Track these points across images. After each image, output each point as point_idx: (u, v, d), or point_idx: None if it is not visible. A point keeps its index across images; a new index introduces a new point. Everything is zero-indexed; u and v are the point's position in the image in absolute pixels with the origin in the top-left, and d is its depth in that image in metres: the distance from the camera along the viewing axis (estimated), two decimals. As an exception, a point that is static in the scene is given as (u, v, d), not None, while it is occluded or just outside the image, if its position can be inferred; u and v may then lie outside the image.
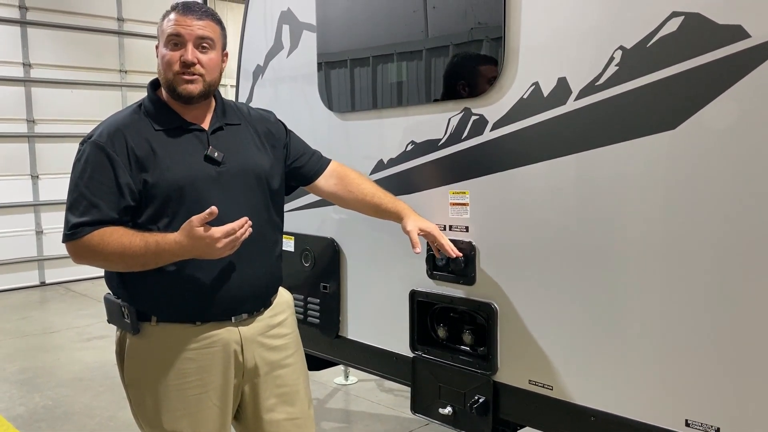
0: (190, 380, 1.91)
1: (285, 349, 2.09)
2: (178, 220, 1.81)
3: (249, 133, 2.05)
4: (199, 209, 1.77)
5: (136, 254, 1.76)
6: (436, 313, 2.35)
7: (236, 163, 1.95)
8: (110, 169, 1.81)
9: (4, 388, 4.64)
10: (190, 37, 1.86)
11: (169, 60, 1.86)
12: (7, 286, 7.91)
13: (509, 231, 2.09)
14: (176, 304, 1.89)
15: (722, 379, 1.67)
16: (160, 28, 1.91)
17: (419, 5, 2.28)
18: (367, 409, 4.18)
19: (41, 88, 8.20)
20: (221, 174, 1.91)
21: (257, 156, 2.03)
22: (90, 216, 1.79)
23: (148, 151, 1.85)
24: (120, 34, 8.88)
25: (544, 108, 1.96)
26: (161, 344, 1.90)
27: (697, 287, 1.69)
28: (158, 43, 1.92)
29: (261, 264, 1.98)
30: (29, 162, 8.14)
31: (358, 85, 2.54)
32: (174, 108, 1.94)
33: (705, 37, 1.63)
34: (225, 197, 1.88)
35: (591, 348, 1.92)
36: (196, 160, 1.90)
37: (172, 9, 1.90)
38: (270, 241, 2.03)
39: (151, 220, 1.85)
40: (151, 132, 1.89)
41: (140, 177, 1.83)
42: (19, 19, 8.01)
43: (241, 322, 1.97)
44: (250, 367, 2.00)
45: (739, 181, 1.61)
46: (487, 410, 2.17)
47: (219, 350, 1.93)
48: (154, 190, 1.84)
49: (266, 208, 2.02)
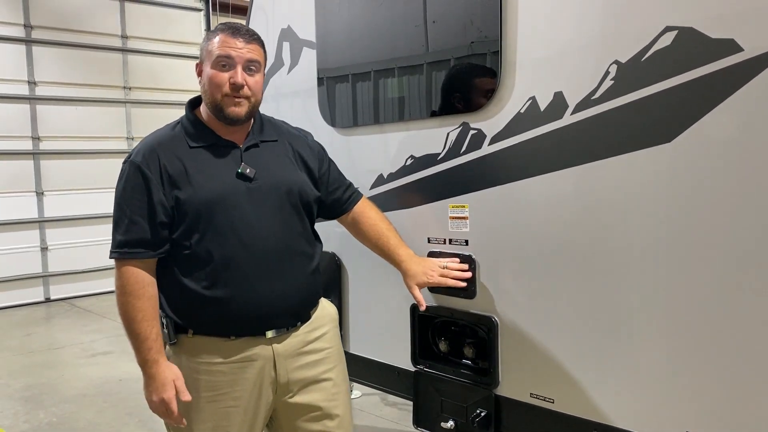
0: (222, 393, 1.94)
1: (323, 363, 2.09)
2: (208, 236, 1.89)
3: (284, 149, 2.07)
4: (228, 225, 1.87)
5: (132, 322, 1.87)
6: (437, 327, 2.36)
7: (269, 179, 1.98)
8: (145, 188, 1.88)
9: (9, 405, 4.65)
10: (240, 59, 1.90)
11: (218, 81, 1.90)
12: (12, 303, 7.93)
13: (509, 244, 2.10)
14: (210, 320, 1.93)
15: (723, 392, 1.67)
16: (205, 48, 1.94)
17: (418, 21, 2.31)
18: (371, 423, 4.17)
19: (46, 106, 8.27)
20: (252, 190, 1.94)
21: (291, 172, 2.05)
22: (131, 234, 1.87)
23: (180, 169, 1.90)
24: (124, 51, 8.96)
25: (542, 122, 1.97)
26: (195, 355, 1.95)
27: (697, 300, 1.70)
28: (202, 62, 1.95)
29: (293, 279, 2.00)
30: (34, 179, 8.19)
31: (357, 101, 2.57)
32: (211, 126, 1.98)
33: (698, 51, 1.65)
34: (255, 213, 1.93)
35: (592, 361, 1.92)
36: (227, 176, 1.93)
37: (219, 30, 1.94)
38: (303, 256, 2.04)
39: (184, 236, 1.91)
40: (185, 150, 1.94)
41: (173, 194, 1.89)
42: (24, 38, 8.09)
43: (275, 338, 1.98)
44: (283, 383, 2.01)
45: (736, 193, 1.62)
46: (489, 424, 2.17)
47: (251, 365, 1.95)
48: (186, 206, 1.89)
49: (298, 222, 2.03)
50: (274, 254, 1.96)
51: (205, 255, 1.90)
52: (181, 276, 1.91)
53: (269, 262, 1.94)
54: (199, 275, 1.90)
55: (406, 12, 2.34)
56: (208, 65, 1.92)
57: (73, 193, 8.39)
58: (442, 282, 2.16)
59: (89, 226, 8.28)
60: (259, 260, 1.93)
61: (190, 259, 1.91)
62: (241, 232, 1.91)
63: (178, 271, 1.92)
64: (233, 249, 1.90)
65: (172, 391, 1.87)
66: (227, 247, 1.90)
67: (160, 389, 1.87)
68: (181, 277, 1.92)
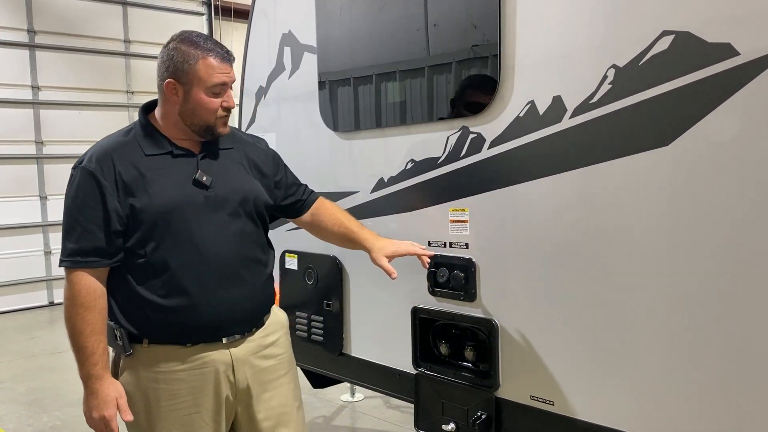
0: (182, 401, 1.94)
1: (278, 369, 2.11)
2: (165, 245, 1.88)
3: (239, 157, 2.08)
4: (185, 233, 1.88)
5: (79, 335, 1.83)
6: (438, 330, 2.37)
7: (225, 187, 1.98)
8: (99, 195, 1.85)
9: (13, 409, 4.67)
10: (230, 84, 1.96)
11: (213, 108, 1.92)
12: (16, 306, 7.97)
13: (508, 247, 2.11)
14: (166, 327, 1.91)
15: (723, 394, 1.68)
16: (195, 70, 1.87)
17: (419, 25, 2.32)
18: (373, 426, 4.19)
19: (49, 110, 8.31)
20: (209, 198, 1.94)
21: (246, 180, 2.06)
22: (85, 243, 1.84)
23: (136, 177, 1.88)
24: (126, 56, 9.01)
25: (540, 126, 1.99)
26: (153, 365, 1.92)
27: (696, 303, 1.70)
28: (179, 81, 1.89)
29: (250, 286, 2.01)
30: (38, 183, 8.23)
31: (357, 106, 2.58)
32: (166, 134, 1.97)
33: (695, 55, 1.66)
34: (212, 221, 1.93)
35: (592, 363, 1.93)
36: (184, 185, 1.93)
37: (207, 51, 1.89)
38: (258, 263, 2.05)
39: (139, 244, 1.88)
40: (140, 157, 1.91)
41: (127, 202, 1.86)
42: (27, 43, 8.14)
43: (231, 343, 1.99)
44: (242, 388, 2.01)
45: (733, 195, 1.63)
46: (489, 426, 2.18)
47: (210, 371, 1.95)
48: (141, 215, 1.87)
49: (254, 230, 2.05)
50: (231, 262, 1.96)
51: (161, 263, 1.88)
52: (136, 285, 1.89)
53: (226, 269, 1.94)
54: (154, 284, 1.89)
55: (406, 17, 2.36)
56: (200, 90, 1.89)
57: (76, 197, 8.41)
58: (410, 250, 2.21)
59: (92, 230, 8.29)
60: (216, 268, 1.93)
61: (145, 267, 1.89)
62: (197, 240, 1.90)
63: (133, 280, 1.89)
64: (190, 257, 1.90)
65: (114, 409, 1.85)
66: (184, 256, 1.89)
67: (101, 406, 1.84)
68: (135, 285, 1.89)
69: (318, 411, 4.42)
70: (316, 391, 4.37)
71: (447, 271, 2.27)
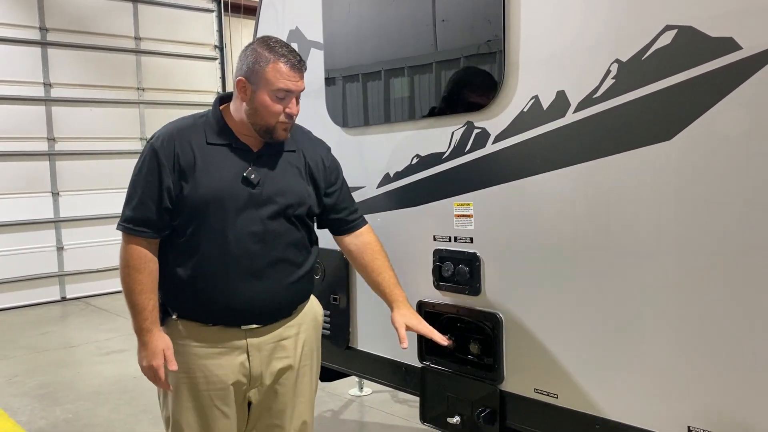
0: (196, 376, 2.07)
1: (295, 360, 2.18)
2: (201, 231, 2.01)
3: (298, 160, 2.15)
4: (218, 224, 1.97)
5: (131, 293, 2.00)
6: (443, 324, 2.38)
7: (272, 188, 2.06)
8: (157, 172, 1.99)
9: (26, 402, 4.73)
10: (296, 92, 2.02)
11: (275, 111, 1.99)
12: (28, 302, 8.06)
13: (512, 241, 2.13)
14: (192, 306, 2.07)
15: (723, 387, 1.69)
16: (259, 71, 1.96)
17: (426, 22, 2.34)
18: (381, 420, 4.21)
19: (61, 107, 8.39)
20: (253, 196, 2.03)
21: (296, 184, 2.13)
22: (138, 213, 2.00)
23: (190, 162, 2.00)
24: (137, 53, 9.06)
25: (544, 121, 2.00)
26: (177, 338, 2.08)
27: (698, 295, 1.71)
28: (250, 81, 1.98)
29: (273, 284, 2.09)
30: (50, 179, 8.31)
31: (363, 101, 2.60)
32: (233, 128, 2.06)
33: (698, 49, 1.66)
34: (248, 218, 2.02)
35: (595, 356, 1.94)
36: (232, 179, 2.02)
37: (275, 56, 1.97)
38: (288, 263, 2.12)
39: (182, 225, 2.03)
40: (201, 144, 2.03)
41: (179, 183, 2.00)
42: (39, 41, 8.21)
43: (250, 331, 2.08)
44: (256, 374, 2.10)
45: (735, 190, 1.64)
46: (494, 419, 2.19)
47: (225, 353, 2.07)
48: (187, 199, 2.00)
49: (291, 232, 2.11)
50: (257, 259, 2.05)
51: (194, 247, 2.02)
52: (173, 261, 2.04)
53: (251, 265, 2.04)
54: (187, 264, 2.03)
55: (412, 13, 2.38)
56: (264, 93, 1.97)
57: (88, 194, 8.51)
58: (429, 333, 2.23)
59: (104, 226, 8.36)
60: (241, 262, 2.03)
61: (183, 248, 2.03)
62: (229, 233, 2.01)
63: (171, 256, 2.05)
64: (219, 247, 2.01)
65: (161, 359, 2.01)
66: (214, 244, 2.01)
67: (150, 356, 2.01)
68: (172, 262, 2.04)
69: (326, 405, 4.45)
70: (325, 385, 4.40)
71: (452, 265, 2.29)
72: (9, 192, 7.97)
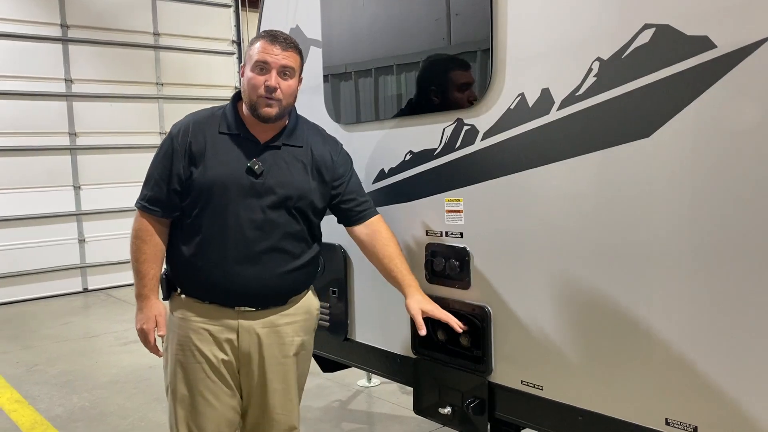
0: (189, 349, 2.21)
1: (285, 348, 2.27)
2: (205, 213, 2.15)
3: (305, 156, 2.24)
4: (220, 208, 2.13)
5: (135, 261, 2.21)
6: (436, 317, 2.43)
7: (274, 179, 2.16)
8: (171, 156, 2.16)
9: (45, 390, 4.88)
10: (275, 65, 2.10)
11: (254, 83, 2.10)
12: (51, 293, 8.27)
13: (500, 236, 2.17)
14: (192, 281, 2.22)
15: (700, 381, 1.72)
16: (248, 52, 2.16)
17: (417, 22, 2.38)
18: (388, 411, 4.27)
19: (82, 103, 8.56)
20: (255, 185, 2.14)
21: (299, 178, 2.22)
22: (153, 193, 2.18)
23: (201, 149, 2.15)
24: (156, 48, 9.19)
25: (530, 118, 2.03)
26: (176, 311, 2.25)
27: (680, 290, 1.74)
28: (244, 65, 2.17)
29: (267, 271, 2.19)
30: (72, 173, 8.49)
31: (359, 98, 2.65)
32: (244, 120, 2.20)
33: (675, 47, 1.69)
34: (249, 205, 2.14)
35: (580, 349, 1.98)
36: (237, 167, 2.14)
37: (261, 37, 2.15)
38: (285, 253, 2.21)
39: (189, 207, 2.18)
40: (213, 133, 2.17)
41: (189, 169, 2.15)
42: (61, 37, 8.38)
43: (243, 314, 2.21)
44: (244, 352, 2.23)
45: (711, 185, 1.66)
46: (482, 410, 2.24)
47: (217, 330, 2.20)
48: (194, 183, 2.14)
49: (290, 224, 2.21)
50: (253, 245, 2.16)
51: (197, 227, 2.16)
52: (180, 240, 2.21)
53: (246, 250, 2.15)
54: (190, 243, 2.18)
55: (404, 12, 2.42)
56: (248, 68, 2.13)
57: (108, 187, 8.68)
58: (443, 316, 2.24)
59: (124, 219, 8.50)
60: (238, 246, 2.15)
61: (188, 228, 2.18)
62: (229, 218, 2.13)
63: (179, 235, 2.21)
64: (219, 230, 2.14)
65: (153, 323, 2.20)
66: (215, 227, 2.14)
67: (143, 320, 2.21)
68: (179, 240, 2.21)
69: (335, 395, 4.53)
70: (333, 376, 4.49)
71: (443, 259, 2.33)
72: (32, 186, 8.16)
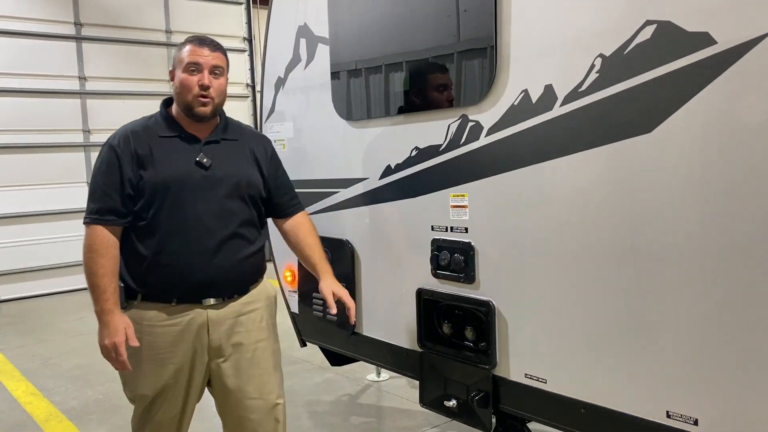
0: (161, 351, 2.22)
1: (254, 334, 2.33)
2: (162, 211, 2.18)
3: (243, 149, 2.34)
4: (178, 203, 2.18)
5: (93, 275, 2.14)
6: (441, 311, 2.47)
7: (222, 170, 2.25)
8: (117, 165, 2.17)
9: (60, 383, 4.95)
10: (206, 65, 2.21)
11: (188, 84, 2.19)
12: (65, 288, 8.36)
13: (504, 231, 2.19)
14: (155, 286, 2.21)
15: (701, 374, 1.74)
16: (177, 56, 2.24)
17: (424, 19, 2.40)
18: (397, 405, 4.30)
19: (96, 100, 8.65)
20: (206, 177, 2.22)
21: (245, 168, 2.31)
22: (104, 203, 2.16)
23: (147, 152, 2.19)
24: (168, 46, 9.26)
25: (534, 114, 2.05)
26: (141, 319, 2.22)
27: (682, 283, 1.76)
28: (174, 69, 2.25)
29: (230, 258, 2.26)
30: (85, 170, 8.57)
31: (366, 95, 2.68)
32: (179, 122, 2.26)
33: (676, 44, 1.70)
34: (205, 196, 2.21)
35: (581, 344, 2.00)
36: (186, 163, 2.21)
37: (188, 42, 2.24)
38: (243, 239, 2.29)
39: (143, 208, 2.19)
40: (154, 138, 2.23)
41: (138, 172, 2.18)
42: (74, 36, 8.46)
43: (210, 306, 2.25)
44: (215, 346, 2.26)
45: (712, 180, 1.67)
46: (487, 403, 2.27)
47: (187, 329, 2.23)
48: (147, 184, 2.18)
49: (244, 210, 2.29)
50: (215, 234, 2.22)
51: (156, 226, 2.18)
52: (137, 242, 2.20)
53: (209, 240, 2.21)
54: (150, 243, 2.19)
55: (411, 10, 2.44)
56: (180, 71, 2.21)
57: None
58: (348, 302, 2.38)
59: (137, 215, 8.59)
60: (200, 237, 2.20)
61: (145, 228, 2.19)
62: (188, 212, 2.19)
63: (135, 238, 2.20)
64: (180, 224, 2.18)
65: (123, 336, 2.14)
66: (175, 222, 2.18)
67: (112, 334, 2.13)
68: (136, 243, 2.20)
69: (344, 389, 4.57)
70: (343, 370, 4.52)
71: (448, 254, 2.36)
72: (46, 183, 8.26)
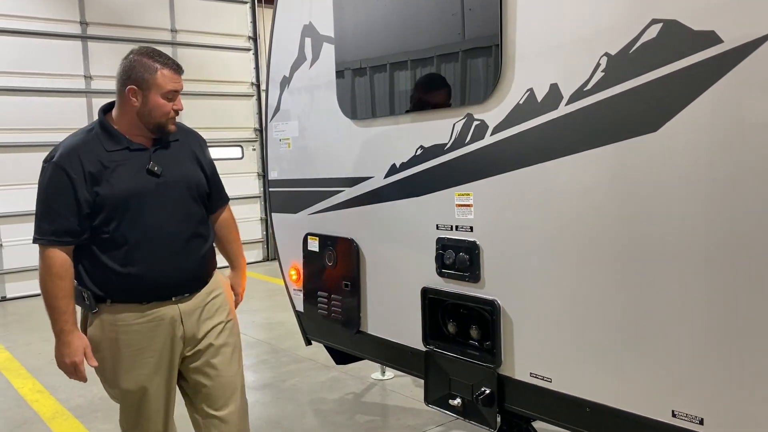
0: (140, 347, 2.32)
1: (220, 314, 2.50)
2: (123, 224, 2.27)
3: (185, 148, 2.47)
4: (140, 214, 2.27)
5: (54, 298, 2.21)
6: (446, 310, 2.47)
7: (173, 175, 2.36)
8: (70, 186, 2.21)
9: (65, 381, 4.88)
10: (180, 90, 2.35)
11: (165, 110, 2.30)
12: (72, 286, 8.40)
13: (509, 230, 2.19)
14: (125, 290, 2.30)
15: (707, 373, 1.73)
16: (154, 79, 2.26)
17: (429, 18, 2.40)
18: (401, 404, 4.31)
19: (101, 99, 8.65)
20: (159, 185, 2.32)
21: (191, 168, 2.46)
22: (58, 225, 2.21)
23: (99, 169, 2.24)
24: (173, 45, 9.28)
25: (539, 113, 2.05)
26: (114, 320, 2.31)
27: (687, 283, 1.75)
28: (140, 88, 2.25)
29: (193, 256, 2.41)
30: (91, 169, 8.61)
31: (371, 94, 2.68)
32: (123, 132, 2.32)
33: (682, 42, 1.70)
34: (162, 205, 2.32)
35: (586, 343, 2.00)
36: (138, 174, 2.30)
37: (163, 65, 2.28)
38: (201, 237, 2.44)
39: (103, 223, 2.26)
40: (102, 152, 2.27)
41: (93, 190, 2.23)
42: (80, 35, 8.49)
43: (180, 300, 2.38)
44: (190, 336, 2.41)
45: (718, 178, 1.67)
46: (492, 401, 2.27)
47: (162, 323, 2.34)
48: (104, 201, 2.24)
49: (197, 210, 2.43)
50: (177, 237, 2.35)
51: (120, 239, 2.26)
52: (101, 255, 2.27)
53: (173, 244, 2.33)
54: (116, 255, 2.26)
55: (416, 9, 2.44)
56: (156, 95, 2.26)
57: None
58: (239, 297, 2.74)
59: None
60: (165, 242, 2.32)
61: (108, 242, 2.26)
62: (149, 220, 2.28)
63: (98, 251, 2.27)
64: (143, 234, 2.28)
65: (82, 356, 2.26)
66: (138, 233, 2.27)
67: (72, 354, 2.24)
68: (100, 255, 2.27)
69: (349, 388, 4.57)
70: (348, 369, 4.53)
71: (453, 253, 2.36)
72: (53, 181, 8.29)
